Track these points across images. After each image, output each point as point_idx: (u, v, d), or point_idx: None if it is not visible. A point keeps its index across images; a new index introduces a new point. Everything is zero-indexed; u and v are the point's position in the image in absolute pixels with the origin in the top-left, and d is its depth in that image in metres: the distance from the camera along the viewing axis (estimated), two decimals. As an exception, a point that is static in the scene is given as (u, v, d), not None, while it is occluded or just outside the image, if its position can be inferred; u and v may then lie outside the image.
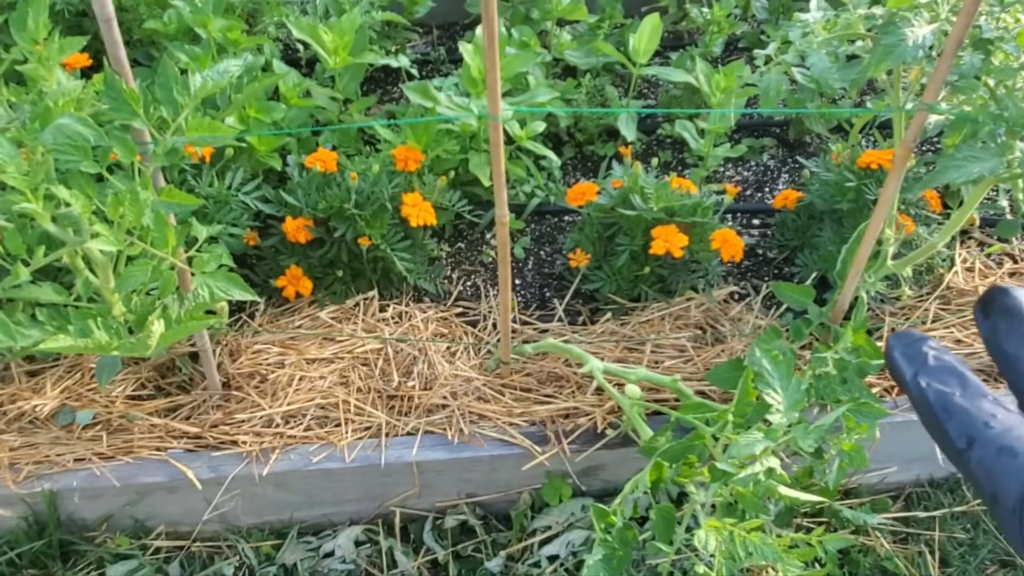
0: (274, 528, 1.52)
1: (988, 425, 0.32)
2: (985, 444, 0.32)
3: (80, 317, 0.99)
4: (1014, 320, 0.36)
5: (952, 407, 0.34)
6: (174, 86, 1.07)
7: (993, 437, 0.32)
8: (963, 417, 0.33)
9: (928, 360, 0.35)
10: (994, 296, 0.37)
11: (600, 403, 1.47)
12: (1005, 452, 0.32)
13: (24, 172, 0.95)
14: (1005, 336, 0.35)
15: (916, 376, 0.35)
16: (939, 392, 0.34)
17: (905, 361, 0.36)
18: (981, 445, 0.32)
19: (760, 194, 2.00)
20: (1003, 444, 0.32)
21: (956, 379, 0.34)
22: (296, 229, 1.54)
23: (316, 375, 1.51)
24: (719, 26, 2.07)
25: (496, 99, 1.07)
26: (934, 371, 0.35)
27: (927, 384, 0.34)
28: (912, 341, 0.36)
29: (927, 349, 0.35)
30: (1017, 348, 0.35)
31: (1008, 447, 0.32)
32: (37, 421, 1.45)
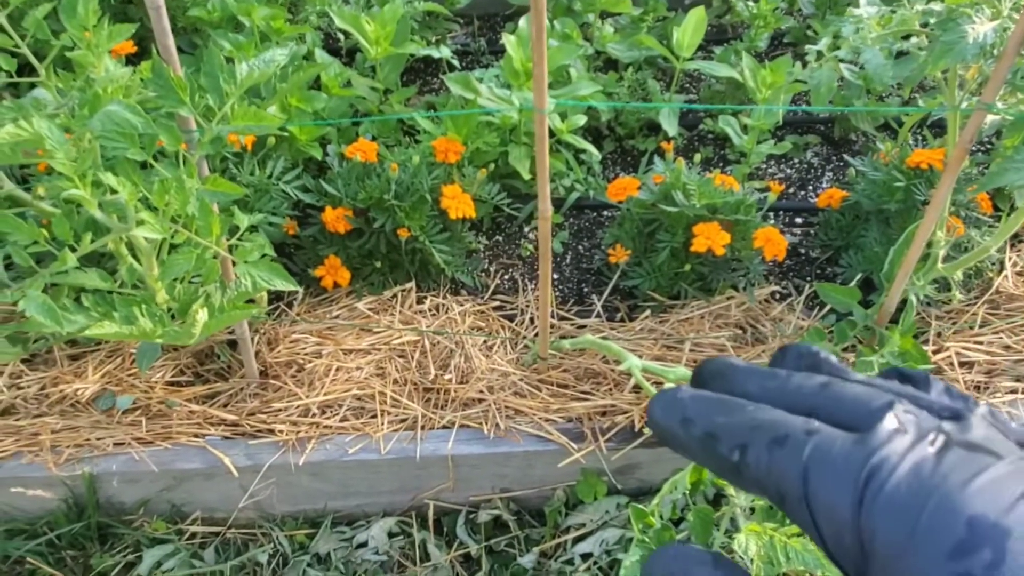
0: (308, 517, 1.52)
1: (755, 427, 0.30)
2: (755, 445, 0.30)
3: (125, 304, 0.99)
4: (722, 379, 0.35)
5: (717, 429, 0.31)
6: (220, 75, 1.07)
7: (761, 434, 0.30)
8: (729, 431, 0.31)
9: (687, 404, 0.33)
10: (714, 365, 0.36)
11: (638, 401, 1.45)
12: (775, 444, 0.29)
13: (72, 158, 0.95)
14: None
15: (680, 423, 0.33)
16: (703, 423, 0.32)
17: (666, 415, 0.34)
18: (753, 448, 0.30)
19: (803, 192, 1.97)
20: (772, 437, 0.29)
21: (714, 404, 0.33)
22: (335, 219, 1.54)
23: (353, 366, 1.51)
24: (765, 20, 2.04)
25: (543, 92, 1.06)
26: (694, 410, 0.33)
27: (691, 423, 0.33)
28: (669, 397, 0.34)
29: (682, 395, 0.34)
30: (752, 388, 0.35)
31: (777, 438, 0.29)
32: (78, 405, 1.47)
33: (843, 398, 0.31)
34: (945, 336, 1.55)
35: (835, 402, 0.31)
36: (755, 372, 0.34)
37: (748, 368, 0.34)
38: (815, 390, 0.32)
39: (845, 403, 0.30)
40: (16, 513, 1.47)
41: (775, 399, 0.32)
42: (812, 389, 0.32)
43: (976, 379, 1.49)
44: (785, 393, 0.32)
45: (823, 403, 0.31)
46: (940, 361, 1.50)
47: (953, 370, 1.49)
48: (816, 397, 0.31)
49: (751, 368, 0.34)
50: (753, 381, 0.33)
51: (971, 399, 0.32)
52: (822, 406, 0.31)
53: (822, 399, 0.31)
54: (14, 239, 0.99)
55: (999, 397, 1.46)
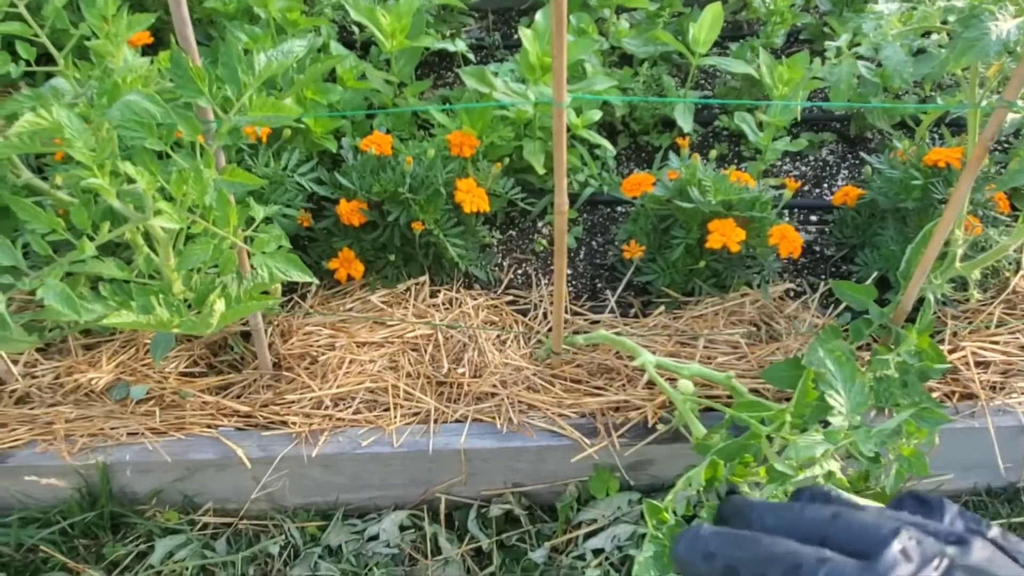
0: (320, 509, 1.53)
1: (770, 559, 0.31)
2: (773, 572, 0.32)
3: (142, 293, 0.99)
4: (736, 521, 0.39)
5: (738, 563, 0.32)
6: (238, 65, 1.07)
7: (777, 566, 0.32)
8: (749, 564, 0.32)
9: (709, 540, 0.34)
10: None
11: (651, 397, 1.45)
12: (792, 571, 0.31)
13: (92, 148, 0.95)
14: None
15: (703, 558, 0.35)
16: (725, 557, 0.34)
17: (690, 551, 0.35)
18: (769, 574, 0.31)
19: (818, 190, 1.96)
20: (787, 566, 0.31)
21: (735, 539, 0.35)
22: (350, 212, 1.54)
23: (366, 359, 1.51)
24: (782, 17, 2.03)
25: (562, 86, 1.05)
26: (716, 545, 0.35)
27: (712, 557, 0.35)
28: (691, 534, 0.36)
29: (704, 532, 0.35)
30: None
31: (792, 567, 0.31)
32: (92, 394, 1.47)
33: (852, 526, 0.33)
34: (961, 336, 1.54)
35: (845, 530, 0.33)
36: (771, 506, 0.37)
37: (764, 504, 0.37)
38: (827, 519, 0.34)
39: (854, 530, 0.33)
40: (30, 502, 1.48)
41: (790, 529, 0.34)
42: (824, 519, 0.34)
43: (992, 379, 1.48)
44: (800, 523, 0.34)
45: (834, 532, 0.33)
46: (956, 361, 1.49)
47: (969, 370, 1.48)
48: (828, 526, 0.34)
49: (767, 503, 0.37)
50: (770, 514, 0.36)
51: (984, 522, 0.35)
52: (833, 534, 0.33)
53: (833, 528, 0.33)
54: (32, 227, 0.99)
55: (1014, 398, 1.45)
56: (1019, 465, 1.50)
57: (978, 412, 1.43)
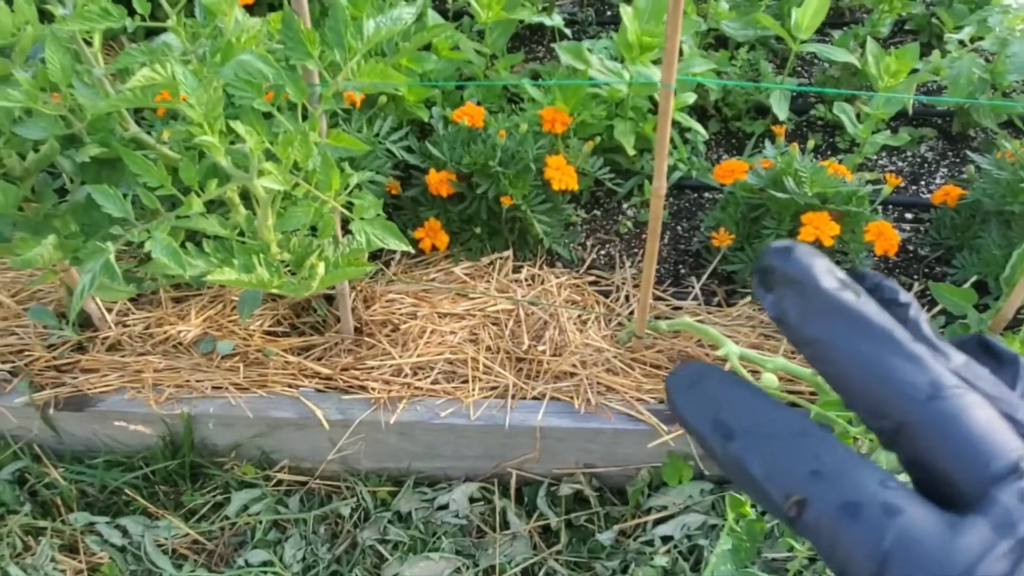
0: (392, 475, 1.54)
1: (817, 475, 0.22)
2: (819, 503, 0.22)
3: (243, 252, 1.00)
4: (806, 292, 0.24)
5: (767, 459, 0.23)
6: (346, 30, 1.07)
7: (825, 492, 0.22)
8: (783, 470, 0.23)
9: (721, 403, 0.25)
10: (771, 263, 0.25)
11: (732, 389, 1.42)
12: (845, 511, 0.22)
13: (203, 105, 0.97)
14: (800, 319, 0.24)
15: (713, 428, 0.24)
16: (746, 443, 0.24)
17: (693, 410, 0.25)
18: (815, 505, 0.22)
19: (915, 187, 1.89)
20: (840, 500, 0.22)
21: (762, 418, 0.24)
22: (439, 182, 1.54)
23: (447, 329, 1.51)
24: (891, 5, 1.95)
25: (672, 67, 1.03)
26: (732, 415, 0.24)
27: (729, 438, 0.22)
28: (695, 379, 0.25)
29: (715, 384, 0.25)
30: (821, 331, 0.24)
31: (847, 503, 0.22)
32: (180, 346, 1.51)
33: (956, 428, 0.23)
34: (1062, 348, 1.47)
35: (940, 425, 0.23)
36: (845, 316, 0.24)
37: (834, 302, 0.24)
38: (922, 392, 0.23)
39: (956, 437, 0.22)
40: (116, 446, 1.53)
41: (864, 373, 0.23)
42: (916, 388, 0.23)
43: (1093, 396, 1.41)
44: (878, 378, 0.23)
45: (924, 420, 0.23)
46: (1055, 374, 1.43)
47: (1069, 384, 1.42)
48: (919, 408, 0.23)
49: (838, 305, 0.24)
50: (840, 329, 0.24)
51: None
52: (921, 423, 0.23)
53: (925, 414, 0.23)
54: (143, 180, 1.01)
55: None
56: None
57: (1076, 429, 1.37)
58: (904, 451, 0.23)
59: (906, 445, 0.23)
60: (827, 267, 0.25)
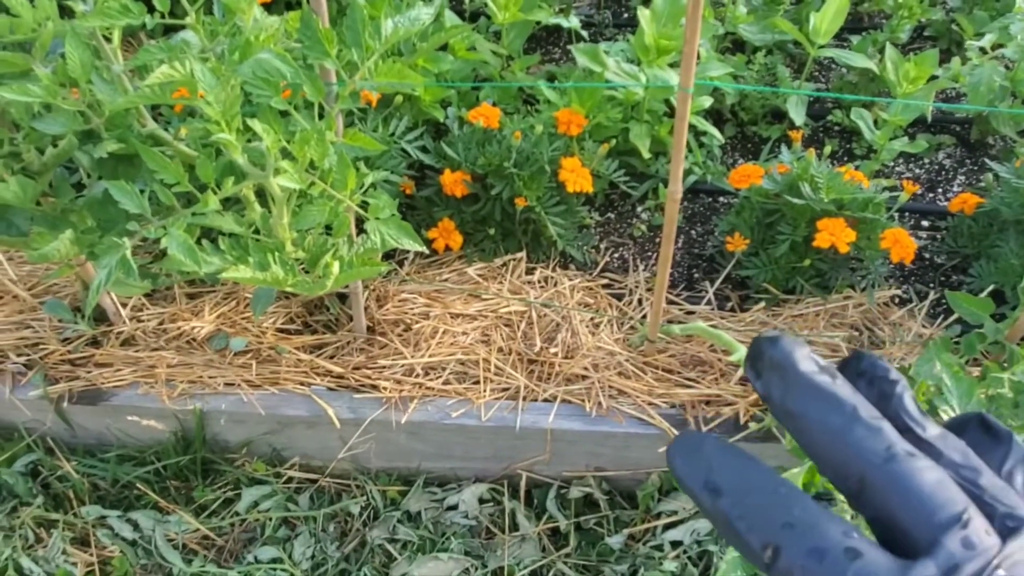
0: (402, 475, 1.55)
1: (789, 526, 0.26)
2: (790, 550, 0.26)
3: (259, 250, 1.01)
4: (787, 375, 0.29)
5: (747, 513, 0.27)
6: (364, 30, 1.07)
7: (796, 539, 0.26)
8: (761, 522, 0.27)
9: (712, 466, 0.29)
10: (760, 349, 0.30)
11: (744, 394, 1.42)
12: (812, 555, 0.26)
13: (221, 103, 0.97)
14: (781, 396, 0.29)
15: (704, 487, 0.27)
16: (731, 500, 0.27)
17: (689, 472, 0.27)
18: (787, 552, 0.26)
19: (932, 194, 1.88)
20: (809, 546, 0.26)
21: (746, 479, 0.28)
22: (454, 182, 1.54)
23: (459, 330, 1.51)
24: (910, 11, 1.94)
25: (690, 70, 1.02)
26: (721, 476, 0.28)
27: (717, 494, 0.27)
28: (692, 447, 0.26)
29: (710, 451, 0.29)
30: (799, 407, 0.28)
31: (814, 548, 0.25)
32: (194, 342, 1.52)
33: (908, 485, 0.26)
34: (1079, 359, 1.46)
35: (894, 483, 0.26)
36: (818, 394, 0.29)
37: (810, 383, 0.29)
38: (879, 456, 0.27)
39: (906, 493, 0.26)
40: (128, 440, 1.53)
41: (831, 440, 0.27)
42: (874, 453, 0.27)
43: (1110, 408, 1.40)
44: (843, 445, 0.27)
45: (880, 479, 0.26)
46: (1072, 385, 1.42)
47: (1085, 396, 1.41)
48: (875, 469, 0.26)
49: (813, 385, 0.29)
50: (813, 405, 0.28)
51: None
52: (878, 482, 0.26)
53: (881, 474, 0.26)
54: (160, 177, 1.01)
55: None
56: None
57: (1093, 441, 1.36)
58: (867, 509, 0.27)
59: (867, 503, 0.26)
60: (806, 355, 0.29)
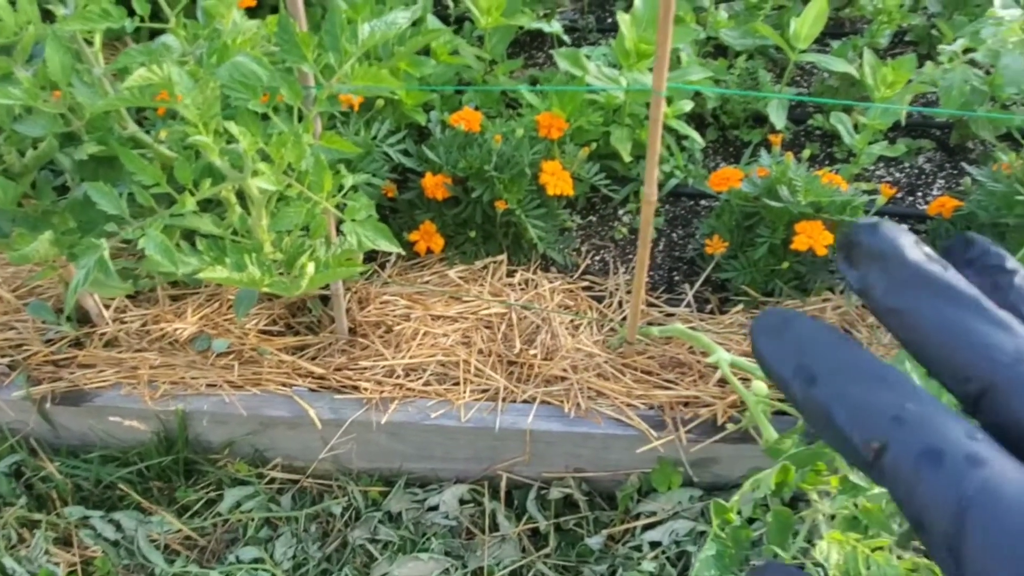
0: (383, 475, 1.55)
1: (899, 420, 0.22)
2: (899, 448, 0.22)
3: (236, 251, 1.02)
4: (891, 265, 0.25)
5: (848, 403, 0.23)
6: (341, 34, 1.08)
7: (907, 437, 0.22)
8: (865, 414, 0.23)
9: (804, 348, 0.25)
10: (857, 238, 0.26)
11: (723, 396, 1.43)
12: (925, 458, 0.22)
13: (199, 105, 0.98)
14: (885, 290, 0.25)
15: (796, 373, 0.25)
16: (829, 388, 0.24)
17: (777, 355, 0.25)
18: (895, 451, 0.22)
19: (911, 198, 1.90)
20: (922, 446, 0.22)
21: (846, 363, 0.24)
22: (435, 186, 1.55)
23: (440, 332, 1.52)
24: (889, 16, 1.96)
25: (663, 74, 1.04)
26: (816, 360, 0.24)
27: (811, 383, 0.24)
28: (779, 325, 0.25)
29: (800, 330, 0.25)
30: (907, 301, 0.24)
31: (929, 449, 0.22)
32: (176, 343, 1.53)
33: None
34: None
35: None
36: (932, 285, 0.25)
37: (920, 273, 0.25)
38: (1008, 356, 0.23)
39: None
40: (111, 441, 1.54)
41: (949, 338, 0.24)
42: (1003, 352, 0.23)
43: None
44: (965, 344, 0.23)
45: (1011, 382, 0.23)
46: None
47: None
48: (1005, 370, 0.23)
49: (925, 275, 0.25)
50: (926, 299, 0.25)
51: None
52: (1007, 385, 0.23)
53: (1013, 376, 0.23)
54: (138, 179, 1.02)
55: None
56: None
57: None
58: (988, 415, 0.23)
59: (990, 409, 0.23)
60: (913, 241, 0.25)
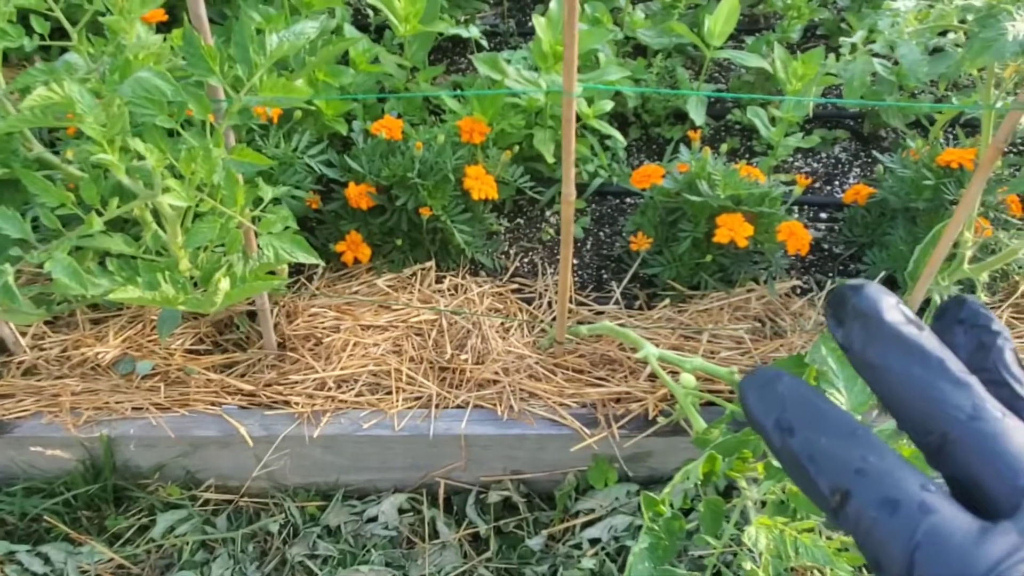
0: (320, 489, 1.54)
1: (862, 472, 0.25)
2: (861, 497, 0.25)
3: (148, 270, 1.00)
4: (870, 324, 0.28)
5: (818, 455, 0.26)
6: (250, 45, 1.07)
7: (868, 487, 0.25)
8: (832, 465, 0.26)
9: (785, 404, 0.28)
10: (843, 297, 0.29)
11: (653, 390, 1.45)
12: (884, 506, 0.24)
13: (102, 123, 0.96)
14: (863, 346, 0.28)
15: (776, 425, 0.28)
16: (803, 440, 0.27)
17: (761, 408, 0.29)
18: (856, 499, 0.25)
19: (829, 187, 1.95)
20: (881, 496, 0.25)
21: (820, 419, 0.27)
22: (358, 195, 1.54)
23: (370, 342, 1.51)
24: (799, 11, 2.01)
25: (572, 76, 1.05)
26: (795, 415, 0.28)
27: (788, 434, 0.27)
28: (765, 382, 0.29)
29: (783, 387, 0.28)
30: (881, 358, 0.27)
31: (886, 499, 0.24)
32: (99, 368, 1.49)
33: (994, 446, 0.25)
34: (967, 338, 1.53)
35: (978, 442, 0.25)
36: (903, 345, 0.27)
37: (894, 333, 0.27)
38: (964, 413, 0.25)
39: (991, 453, 0.25)
40: (34, 472, 1.49)
41: (913, 394, 0.26)
42: (959, 409, 0.25)
43: (996, 383, 1.47)
44: (926, 400, 0.26)
45: (964, 437, 0.25)
46: (960, 363, 1.49)
47: (973, 373, 1.48)
48: (960, 426, 0.25)
49: (898, 336, 0.27)
50: (896, 357, 0.27)
51: None
52: (961, 440, 0.25)
53: (965, 432, 0.25)
54: (42, 201, 0.99)
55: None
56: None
57: (980, 415, 1.43)
58: (946, 467, 0.26)
59: (947, 460, 0.25)
60: (893, 304, 0.27)
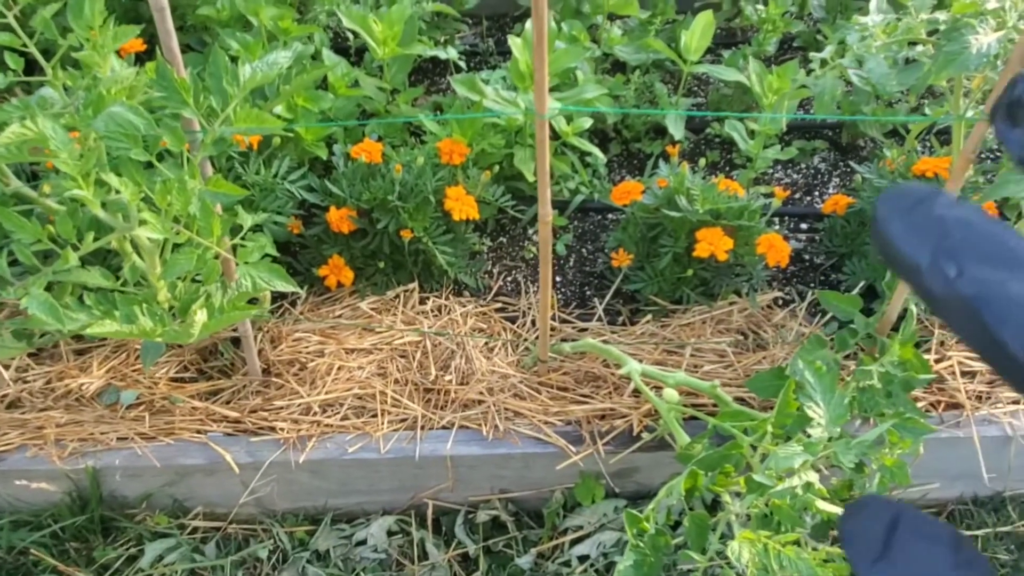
0: (308, 514, 1.54)
1: None
2: None
3: (126, 303, 1.00)
4: None
5: (1005, 302, 0.19)
6: (224, 76, 1.08)
7: None
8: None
9: (950, 231, 0.21)
10: (1019, 95, 0.22)
11: (637, 405, 1.46)
12: None
13: (76, 158, 0.96)
14: None
15: (936, 261, 0.21)
16: (979, 282, 0.20)
17: (909, 240, 0.21)
18: None
19: (809, 198, 1.96)
20: None
21: (999, 253, 0.20)
22: (339, 219, 1.55)
23: (355, 365, 1.52)
24: (774, 25, 2.03)
25: (543, 97, 1.06)
26: (963, 247, 0.20)
27: (957, 272, 0.20)
28: (915, 204, 0.21)
29: (941, 211, 0.21)
30: None
31: None
32: (83, 399, 1.49)
33: None
34: (948, 345, 1.54)
35: None
36: None
37: None
38: None
39: None
40: (21, 505, 1.49)
41: None
42: None
43: (978, 389, 1.48)
44: None
45: None
46: (942, 370, 1.50)
47: (955, 379, 1.49)
48: None
49: None
50: None
51: None
52: None
53: None
54: (18, 237, 1.00)
55: (1000, 407, 1.45)
56: (1004, 475, 1.51)
57: (963, 422, 1.44)
58: None
59: None
60: None
